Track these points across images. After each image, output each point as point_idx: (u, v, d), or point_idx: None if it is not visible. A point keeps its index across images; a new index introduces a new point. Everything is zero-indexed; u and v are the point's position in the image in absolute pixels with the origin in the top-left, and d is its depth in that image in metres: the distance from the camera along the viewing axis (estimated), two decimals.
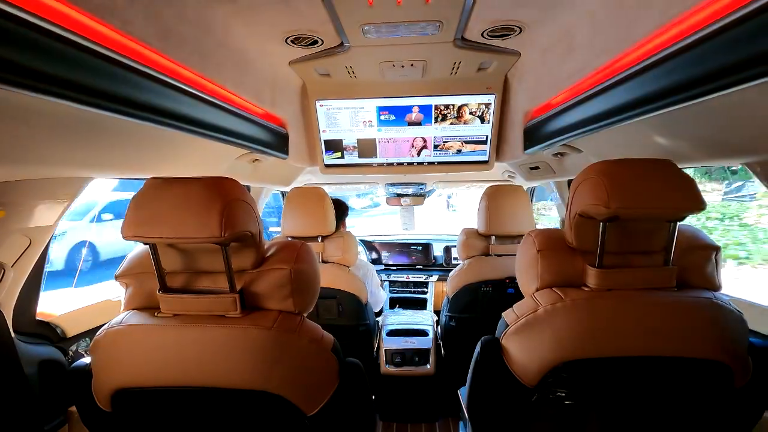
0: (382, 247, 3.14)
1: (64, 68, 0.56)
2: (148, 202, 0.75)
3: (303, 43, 1.12)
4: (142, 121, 0.74)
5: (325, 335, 0.88)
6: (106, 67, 0.63)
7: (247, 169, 1.69)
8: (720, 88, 0.59)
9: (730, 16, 0.54)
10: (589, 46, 0.94)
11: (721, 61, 0.57)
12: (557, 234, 0.95)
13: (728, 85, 0.57)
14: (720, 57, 0.57)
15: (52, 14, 0.53)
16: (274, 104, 1.37)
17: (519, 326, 0.88)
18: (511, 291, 1.74)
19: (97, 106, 0.63)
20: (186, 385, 0.77)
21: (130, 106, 0.69)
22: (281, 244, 0.92)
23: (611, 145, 1.26)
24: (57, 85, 0.55)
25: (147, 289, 0.86)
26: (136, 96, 0.71)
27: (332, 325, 1.68)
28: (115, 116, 0.68)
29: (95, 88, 0.62)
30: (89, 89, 0.61)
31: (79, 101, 0.60)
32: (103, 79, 0.63)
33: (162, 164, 1.17)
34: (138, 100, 0.71)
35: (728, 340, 0.81)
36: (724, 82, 0.58)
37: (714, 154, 0.93)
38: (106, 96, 0.64)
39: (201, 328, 0.78)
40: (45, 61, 0.53)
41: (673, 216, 0.80)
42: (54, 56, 0.55)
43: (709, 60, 0.60)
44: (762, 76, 0.52)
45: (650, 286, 0.85)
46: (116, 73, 0.66)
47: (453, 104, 1.59)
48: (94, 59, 0.61)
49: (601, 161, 0.84)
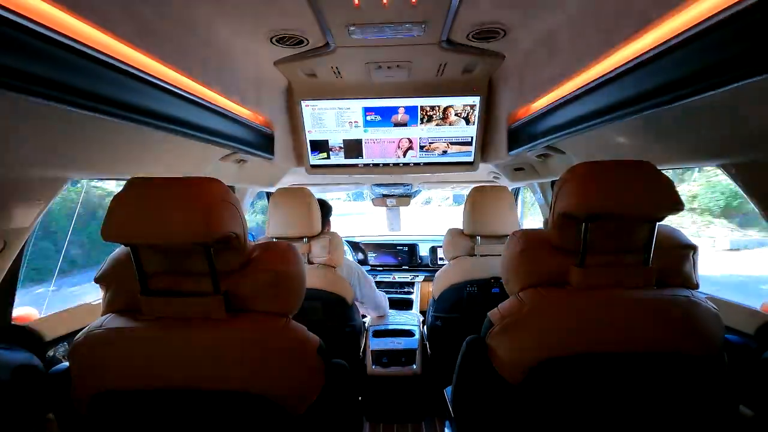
0: (368, 248, 3.14)
1: (40, 65, 0.55)
2: (130, 202, 0.73)
3: (288, 42, 1.11)
4: (122, 120, 0.73)
5: (311, 336, 0.87)
6: (84, 64, 0.62)
7: (232, 169, 1.67)
8: (696, 92, 0.61)
9: (707, 21, 0.55)
10: (571, 50, 0.95)
11: (697, 66, 0.59)
12: (541, 234, 0.97)
13: (704, 89, 0.59)
14: (696, 61, 0.59)
15: (26, 9, 0.51)
16: (259, 104, 1.36)
17: (504, 325, 0.89)
18: (496, 291, 1.76)
19: (76, 104, 0.62)
20: (169, 387, 0.76)
21: (109, 105, 0.68)
22: (266, 245, 0.91)
23: (593, 146, 1.29)
24: (33, 83, 0.54)
25: (128, 291, 0.84)
26: (115, 94, 0.69)
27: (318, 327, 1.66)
28: (94, 115, 0.66)
29: (73, 87, 0.60)
30: (67, 87, 0.59)
31: (57, 99, 0.58)
32: (82, 77, 0.62)
33: (144, 164, 1.15)
34: (117, 98, 0.70)
35: (705, 336, 0.83)
36: (699, 86, 0.60)
37: (691, 156, 0.96)
38: (84, 94, 0.62)
39: (184, 331, 0.77)
40: (20, 58, 0.52)
41: (653, 216, 0.82)
42: (29, 53, 0.53)
43: (685, 64, 0.61)
44: (735, 81, 0.54)
45: (631, 285, 0.87)
46: (95, 70, 0.64)
47: (439, 105, 1.61)
48: (72, 56, 0.59)
49: (584, 162, 0.86)
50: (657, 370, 0.84)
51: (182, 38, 0.86)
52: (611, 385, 0.85)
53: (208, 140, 1.03)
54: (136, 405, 0.78)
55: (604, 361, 0.83)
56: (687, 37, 0.59)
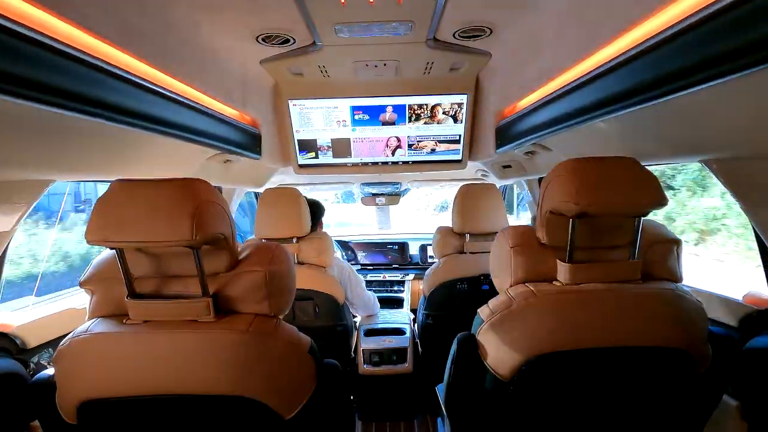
0: (358, 247, 3.13)
1: (20, 66, 0.53)
2: (115, 204, 0.72)
3: (274, 41, 1.10)
4: (105, 120, 0.71)
5: (302, 337, 0.87)
6: (65, 64, 0.61)
7: (219, 170, 1.65)
8: (679, 89, 0.62)
9: (687, 20, 0.56)
10: (556, 48, 0.97)
11: (678, 64, 0.60)
12: (529, 231, 0.98)
13: (686, 86, 0.60)
14: (677, 60, 0.60)
15: (4, 8, 0.50)
16: (246, 104, 1.34)
17: (494, 322, 0.90)
18: (485, 287, 1.77)
19: (57, 105, 0.60)
20: (158, 393, 0.75)
21: (91, 105, 0.66)
22: (255, 246, 0.90)
23: (579, 143, 1.30)
24: (13, 83, 0.53)
25: (114, 295, 0.82)
26: (97, 95, 0.68)
27: (309, 327, 1.66)
28: (75, 116, 0.65)
29: (54, 87, 0.59)
30: (48, 88, 0.58)
31: (38, 100, 0.57)
32: (62, 77, 0.60)
33: (128, 166, 1.13)
34: (100, 99, 0.68)
35: (690, 329, 0.85)
36: (682, 84, 0.61)
37: (674, 152, 0.98)
38: (66, 95, 0.61)
39: (173, 334, 0.75)
40: None
41: (638, 212, 0.84)
42: (8, 53, 0.52)
43: (666, 62, 0.63)
44: (714, 79, 0.55)
45: (617, 279, 0.88)
46: (76, 70, 0.63)
47: (426, 104, 1.61)
48: (52, 56, 0.58)
49: (570, 159, 0.87)
50: (644, 364, 0.85)
51: (166, 37, 0.85)
52: (600, 379, 0.86)
53: (193, 140, 1.02)
54: (124, 412, 0.76)
55: (593, 356, 0.84)
56: (667, 36, 0.61)
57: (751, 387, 0.98)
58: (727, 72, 0.53)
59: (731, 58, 0.51)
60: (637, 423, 0.90)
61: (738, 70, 0.51)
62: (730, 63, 0.52)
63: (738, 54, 0.50)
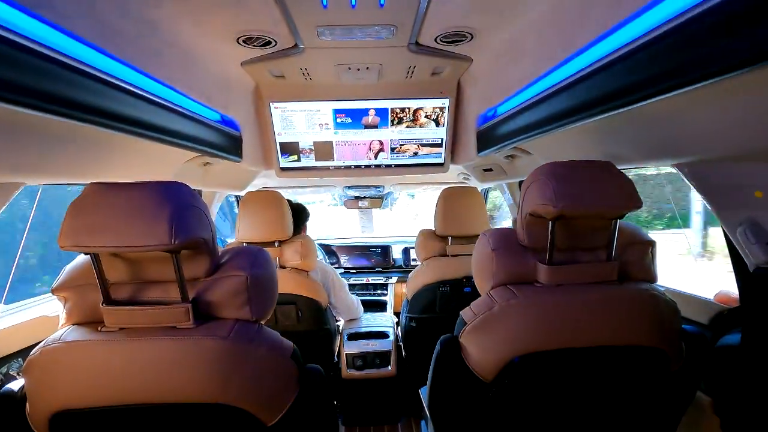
0: (341, 251, 3.12)
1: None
2: (89, 208, 0.69)
3: (256, 43, 1.09)
4: (80, 122, 0.69)
5: (285, 342, 0.86)
6: (39, 64, 0.59)
7: (198, 172, 1.62)
8: (651, 95, 0.64)
9: (660, 29, 0.59)
10: (535, 55, 0.99)
11: (651, 71, 0.63)
12: (510, 233, 0.99)
13: (658, 92, 0.62)
14: (650, 67, 0.63)
15: None
16: (226, 106, 1.33)
17: (476, 324, 0.91)
18: (468, 290, 1.79)
19: (29, 106, 0.58)
20: (135, 402, 0.73)
21: (66, 107, 0.64)
22: (236, 249, 0.89)
23: (558, 147, 1.33)
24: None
25: (89, 302, 0.79)
26: (72, 95, 0.66)
27: (292, 332, 1.64)
28: (48, 117, 0.63)
29: (27, 87, 0.57)
30: (20, 88, 0.56)
31: (8, 101, 0.55)
32: (37, 77, 0.58)
33: (103, 169, 1.10)
34: (75, 99, 0.66)
35: (665, 328, 0.88)
36: (655, 90, 0.63)
37: (648, 156, 1.01)
38: (39, 95, 0.59)
39: (151, 342, 0.73)
40: None
41: (615, 214, 0.86)
42: None
43: (641, 70, 0.65)
44: (686, 85, 0.57)
45: (595, 280, 0.90)
46: (51, 70, 0.61)
47: (409, 107, 1.62)
48: (27, 56, 0.56)
49: (549, 163, 0.89)
50: (622, 362, 0.87)
51: (144, 38, 0.83)
52: (580, 378, 0.88)
53: (172, 143, 1.00)
54: (100, 422, 0.74)
55: (573, 356, 0.86)
56: (640, 44, 0.63)
57: (722, 383, 1.02)
58: (698, 79, 0.55)
59: (701, 66, 0.54)
60: (615, 420, 0.92)
61: (708, 78, 0.53)
62: (701, 71, 0.54)
63: (708, 62, 0.53)
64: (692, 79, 0.56)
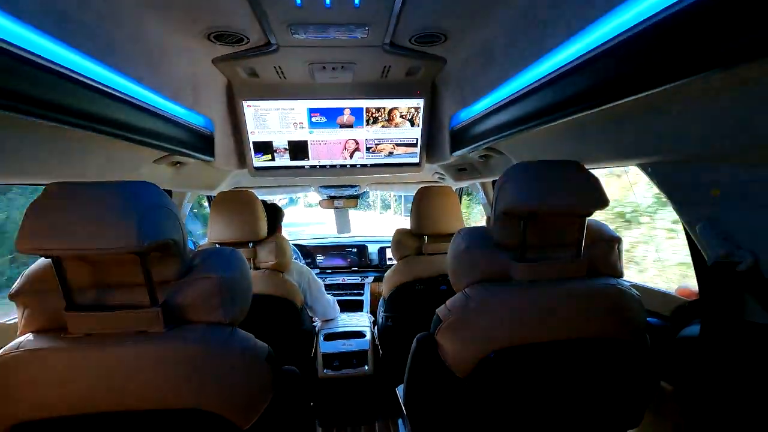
0: (317, 251, 3.09)
1: None
2: (50, 209, 0.66)
3: (227, 40, 1.07)
4: (38, 119, 0.66)
5: (259, 344, 0.84)
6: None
7: (168, 172, 1.57)
8: (616, 97, 0.67)
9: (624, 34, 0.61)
10: (507, 57, 1.01)
11: (616, 75, 0.65)
12: (484, 231, 1.01)
13: (622, 95, 0.65)
14: (615, 71, 0.65)
15: None
16: (197, 104, 1.29)
17: (452, 321, 0.92)
18: (443, 288, 1.81)
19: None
20: (103, 410, 0.70)
21: (23, 102, 0.61)
22: (208, 251, 0.87)
23: (529, 147, 1.37)
24: None
25: (50, 308, 0.75)
26: (30, 91, 0.62)
27: (267, 333, 1.61)
28: (5, 114, 0.59)
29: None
30: None
31: None
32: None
33: (66, 168, 1.04)
34: (33, 95, 0.63)
35: (630, 320, 0.92)
36: (618, 93, 0.66)
37: (614, 157, 1.05)
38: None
39: (118, 348, 0.71)
40: None
41: (583, 212, 0.89)
42: None
43: (606, 73, 0.67)
44: (648, 89, 0.60)
45: (565, 276, 0.93)
46: (5, 63, 0.58)
47: (384, 107, 1.62)
48: None
49: (521, 163, 0.91)
50: (592, 354, 0.91)
51: (108, 31, 0.80)
52: (553, 371, 0.91)
53: (139, 141, 0.96)
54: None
55: (545, 350, 0.89)
56: (606, 49, 0.65)
57: (683, 372, 1.07)
58: (659, 83, 0.58)
59: (663, 71, 0.56)
60: (586, 410, 0.96)
61: (668, 82, 0.56)
62: (662, 75, 0.57)
63: (669, 68, 0.55)
64: (656, 82, 0.58)
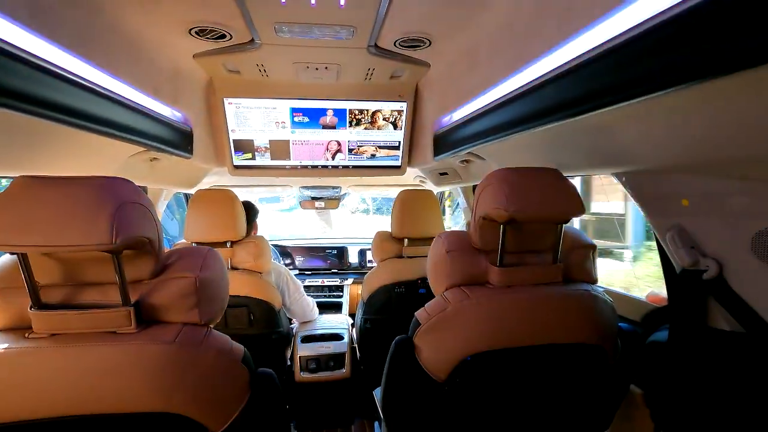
0: (296, 252, 3.06)
1: None
2: (17, 204, 0.63)
3: (209, 36, 1.05)
4: (9, 110, 0.63)
5: (235, 346, 0.83)
6: None
7: (144, 168, 1.53)
8: (593, 108, 0.69)
9: (603, 45, 0.63)
10: (489, 64, 1.03)
11: (594, 86, 0.67)
12: (464, 236, 1.02)
13: (600, 106, 0.67)
14: (593, 82, 0.67)
15: None
16: (177, 99, 1.26)
17: (430, 324, 0.93)
18: (422, 291, 1.81)
19: None
20: (69, 414, 0.67)
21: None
22: (185, 250, 0.84)
23: (510, 154, 1.39)
24: None
25: (15, 306, 0.72)
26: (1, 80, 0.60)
27: (243, 335, 1.59)
28: None
29: None
30: None
31: None
32: None
33: (36, 162, 1.00)
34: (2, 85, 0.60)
35: (603, 325, 0.94)
36: (596, 104, 0.68)
37: (591, 165, 1.08)
38: None
39: (86, 348, 0.68)
40: None
41: (560, 218, 0.91)
42: None
43: (584, 84, 0.69)
44: (624, 101, 0.62)
45: (542, 281, 0.95)
46: None
47: (367, 109, 1.62)
48: None
49: (501, 169, 0.93)
50: (566, 359, 0.92)
51: (85, 23, 0.77)
52: (527, 375, 0.92)
53: (114, 135, 0.93)
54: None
55: (521, 354, 0.90)
56: (586, 59, 0.67)
57: (652, 376, 1.10)
58: (634, 95, 0.60)
59: (638, 84, 0.58)
60: (559, 413, 0.98)
61: (643, 95, 0.58)
62: (637, 88, 0.59)
63: (643, 81, 0.57)
64: (629, 95, 0.60)
